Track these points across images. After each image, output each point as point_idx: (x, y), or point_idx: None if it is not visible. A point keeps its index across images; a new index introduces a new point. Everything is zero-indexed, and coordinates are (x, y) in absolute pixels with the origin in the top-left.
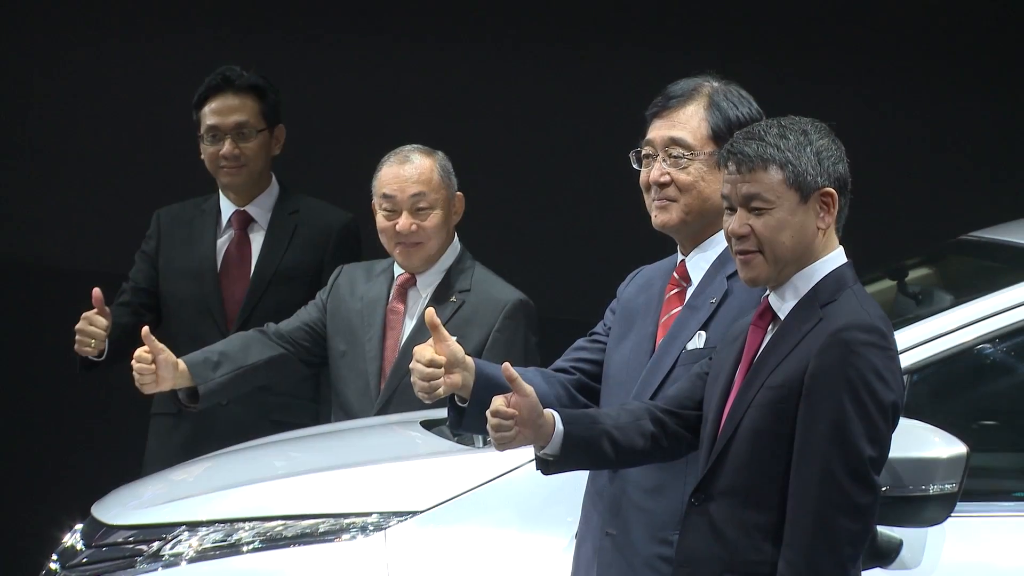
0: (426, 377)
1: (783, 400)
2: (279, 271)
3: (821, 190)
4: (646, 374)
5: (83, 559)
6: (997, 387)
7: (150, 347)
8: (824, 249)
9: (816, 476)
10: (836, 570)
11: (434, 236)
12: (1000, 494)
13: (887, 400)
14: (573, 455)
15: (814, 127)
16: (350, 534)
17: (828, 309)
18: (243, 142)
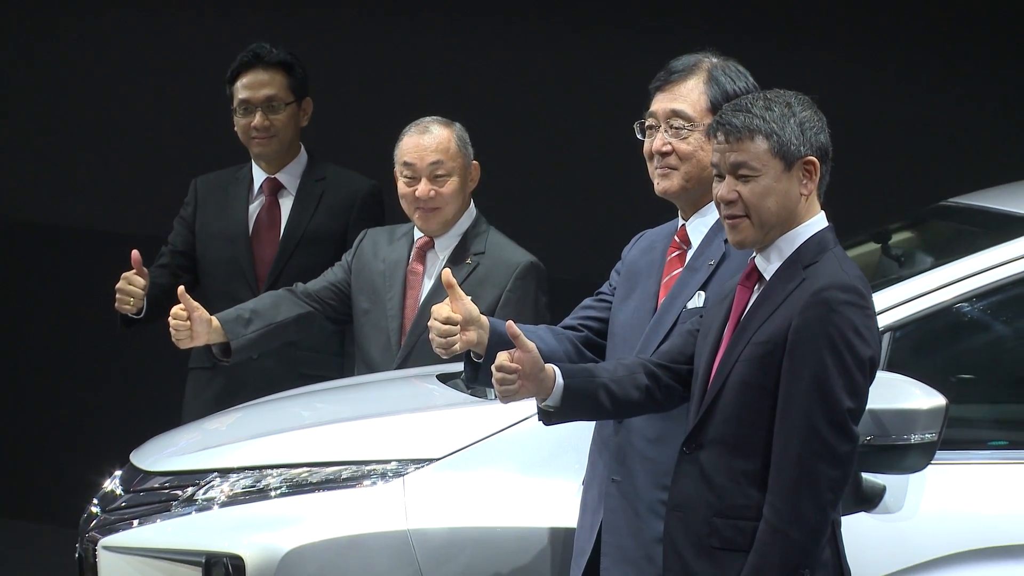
0: (443, 334)
1: (768, 355)
2: (306, 234)
3: (804, 159)
4: (649, 331)
5: (122, 503)
6: (974, 343)
7: (185, 305)
8: (807, 214)
9: (799, 426)
10: (817, 514)
11: (451, 201)
12: (976, 443)
13: (865, 355)
14: (572, 406)
15: (798, 100)
16: (371, 480)
17: (810, 270)
18: (273, 114)
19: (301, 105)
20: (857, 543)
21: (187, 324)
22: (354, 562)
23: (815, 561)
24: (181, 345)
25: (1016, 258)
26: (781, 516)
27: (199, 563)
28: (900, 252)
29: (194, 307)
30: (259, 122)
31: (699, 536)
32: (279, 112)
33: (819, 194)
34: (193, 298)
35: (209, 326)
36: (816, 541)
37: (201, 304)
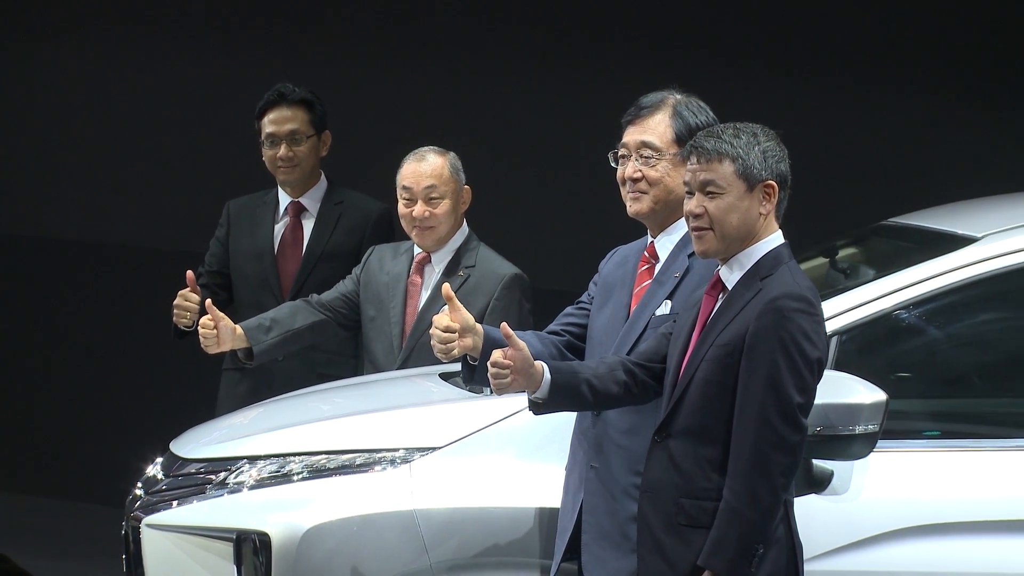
0: (443, 340)
1: (729, 356)
2: (326, 251)
3: (764, 182)
4: (622, 335)
5: (163, 486)
6: (910, 345)
7: (212, 316)
8: (765, 232)
9: (754, 418)
10: (771, 495)
11: (444, 221)
12: (912, 433)
13: (813, 356)
14: (558, 398)
15: (763, 131)
16: (381, 466)
17: (766, 282)
18: (296, 146)
19: (321, 138)
20: (808, 521)
21: (214, 332)
22: (367, 538)
23: (768, 537)
24: (209, 351)
25: (946, 271)
26: (738, 497)
27: (230, 539)
28: (846, 265)
29: (220, 318)
30: (284, 153)
31: (668, 515)
32: (301, 144)
33: (777, 215)
34: (226, 311)
35: (233, 334)
36: (769, 519)
37: (232, 313)
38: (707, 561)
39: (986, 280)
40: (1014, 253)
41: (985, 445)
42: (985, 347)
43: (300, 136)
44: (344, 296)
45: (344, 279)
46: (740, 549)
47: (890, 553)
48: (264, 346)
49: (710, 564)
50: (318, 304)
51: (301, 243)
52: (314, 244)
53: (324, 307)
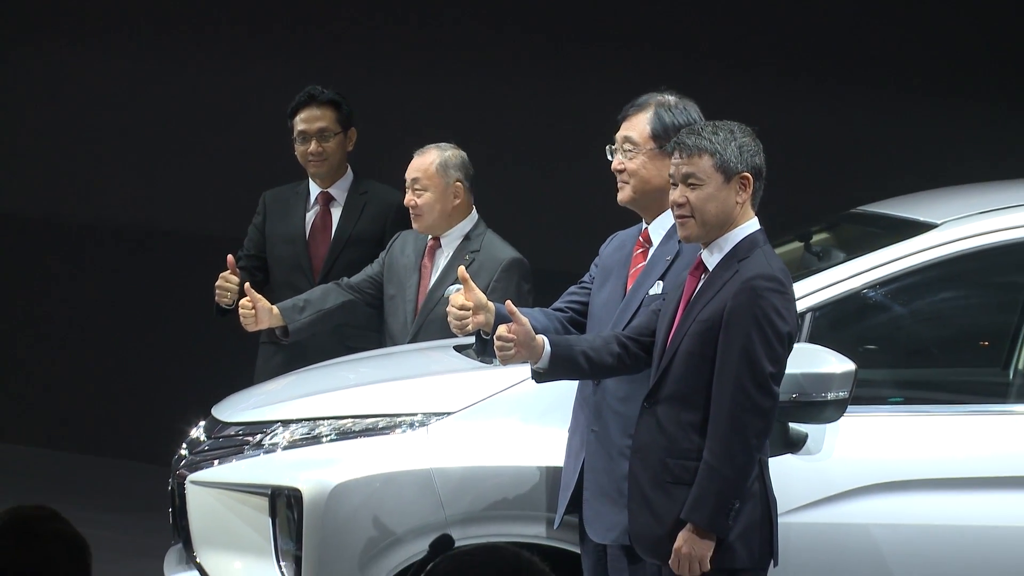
0: (458, 317)
1: (708, 331)
2: (352, 236)
3: (740, 174)
4: (619, 312)
5: (205, 447)
6: (877, 320)
7: (251, 297)
8: (742, 219)
9: (730, 386)
10: (745, 455)
11: (426, 211)
12: (879, 400)
13: (783, 331)
14: (557, 368)
15: (740, 128)
16: (401, 429)
17: (743, 263)
18: (324, 142)
19: (347, 134)
20: (785, 479)
21: (253, 312)
22: (389, 494)
23: (744, 493)
24: (248, 328)
25: (909, 254)
26: (717, 457)
27: (266, 495)
28: (819, 249)
29: (257, 299)
30: (314, 148)
31: (655, 473)
32: (329, 140)
33: (753, 204)
34: (263, 290)
35: (270, 314)
36: (744, 477)
37: (268, 292)
38: (689, 515)
39: (945, 262)
40: (970, 238)
41: (943, 410)
42: (943, 322)
43: (328, 133)
44: (371, 278)
45: (372, 263)
46: (718, 504)
47: (858, 507)
48: (298, 324)
49: (692, 517)
50: (347, 286)
51: (330, 229)
52: (341, 230)
53: (353, 288)
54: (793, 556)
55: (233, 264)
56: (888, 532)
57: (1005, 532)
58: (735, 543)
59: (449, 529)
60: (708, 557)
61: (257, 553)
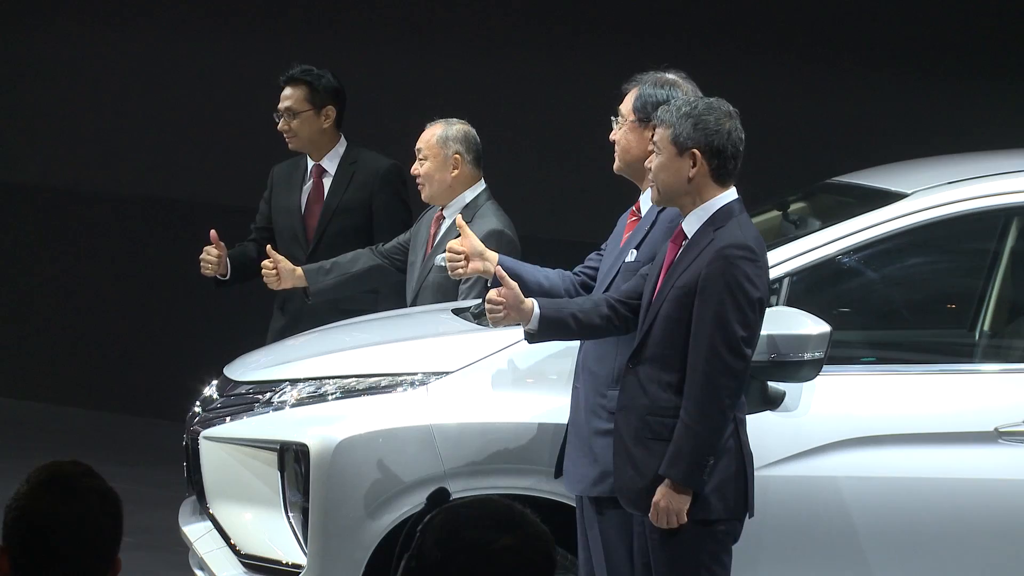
0: (451, 260)
1: (685, 296)
2: (340, 206)
3: (690, 150)
4: (601, 278)
5: (217, 405)
6: (850, 285)
7: (273, 258)
8: (712, 191)
9: (704, 348)
10: (719, 414)
11: (427, 180)
12: (852, 359)
13: (754, 296)
14: (547, 330)
15: (706, 106)
16: (403, 387)
17: (718, 232)
18: (291, 119)
19: (322, 111)
20: (764, 434)
21: (275, 272)
22: (390, 449)
23: (717, 450)
24: (272, 287)
25: (881, 222)
26: (691, 416)
27: (275, 449)
28: (796, 218)
29: (279, 259)
30: (281, 126)
31: (637, 430)
32: (295, 118)
33: (718, 178)
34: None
35: (293, 274)
36: (718, 435)
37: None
38: (666, 470)
39: (914, 230)
40: (938, 207)
41: (912, 370)
42: (913, 287)
43: (294, 111)
44: (400, 245)
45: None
46: (693, 460)
47: (833, 461)
48: (321, 286)
49: (669, 472)
50: (378, 252)
51: (321, 200)
52: (330, 200)
53: (383, 254)
54: (771, 507)
55: (216, 238)
56: (860, 484)
57: (970, 484)
58: (710, 496)
59: (447, 482)
60: (685, 510)
61: (266, 505)
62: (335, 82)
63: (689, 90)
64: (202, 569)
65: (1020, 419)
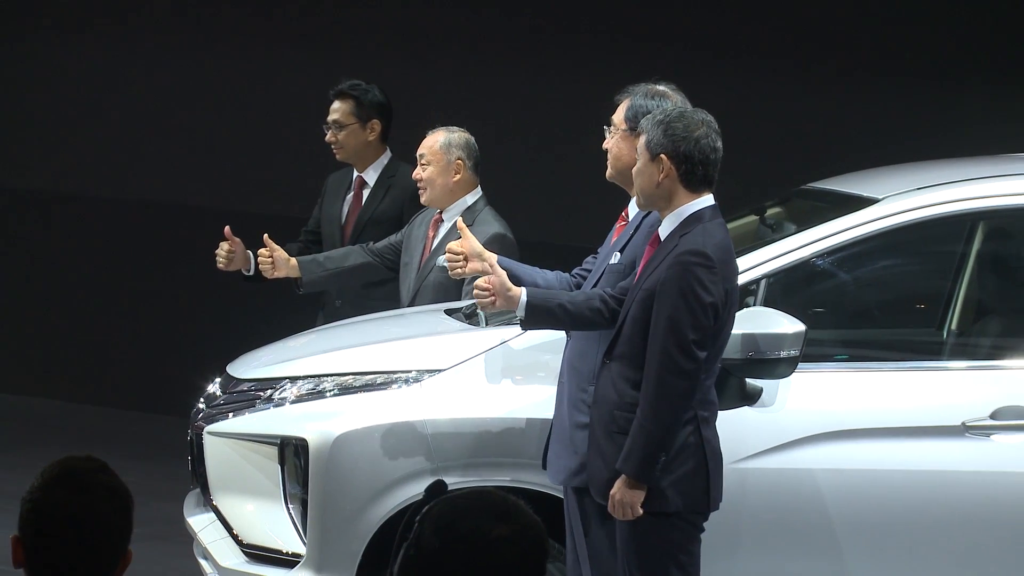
0: (450, 261)
1: (648, 298)
2: (372, 217)
3: (658, 155)
4: (590, 277)
5: (220, 401)
6: (824, 286)
7: (269, 247)
8: (691, 196)
9: (658, 350)
10: (670, 413)
11: (428, 185)
12: (826, 357)
13: (707, 301)
14: (535, 317)
15: (682, 117)
16: (398, 384)
17: (683, 238)
18: (338, 132)
19: (367, 125)
20: (742, 428)
21: (270, 260)
22: (386, 443)
23: (670, 446)
24: (267, 275)
25: (853, 226)
26: (644, 413)
27: (275, 444)
28: (772, 222)
29: (274, 248)
30: (328, 138)
31: (606, 423)
32: (342, 131)
33: (686, 184)
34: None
35: (287, 264)
36: (669, 432)
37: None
38: (621, 465)
39: (885, 233)
40: (908, 211)
41: (884, 367)
42: (884, 288)
43: (341, 124)
44: (392, 245)
45: (397, 232)
46: (645, 456)
47: (808, 454)
48: (313, 277)
49: (622, 467)
50: (370, 250)
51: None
52: (364, 211)
53: (374, 253)
54: (749, 498)
55: (229, 233)
56: (834, 476)
57: (938, 475)
58: (667, 490)
59: (440, 475)
60: (638, 503)
61: (267, 497)
62: (381, 97)
63: (679, 101)
64: (206, 558)
65: (986, 414)
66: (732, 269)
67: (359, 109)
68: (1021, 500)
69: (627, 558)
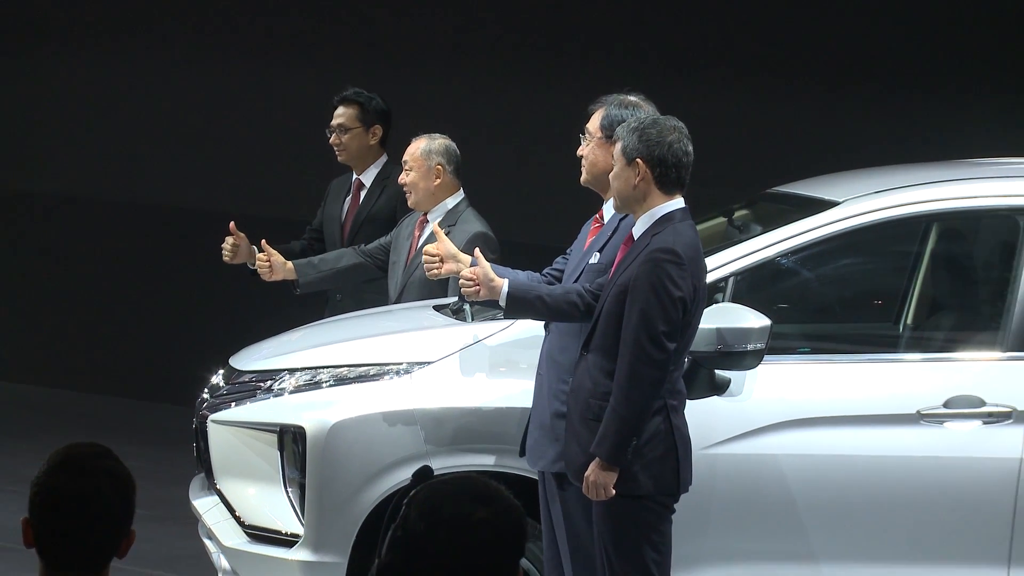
0: (428, 263)
1: (622, 294)
2: (367, 216)
3: (633, 160)
4: (566, 277)
5: (223, 391)
6: (788, 283)
7: (267, 252)
8: (664, 199)
9: (630, 341)
10: (641, 400)
11: (412, 188)
12: (789, 350)
13: (676, 295)
14: (515, 307)
15: (654, 124)
16: (389, 376)
17: (655, 237)
18: (342, 135)
19: (370, 129)
20: (711, 417)
21: (268, 265)
22: (379, 431)
23: (641, 432)
24: (265, 279)
25: (814, 228)
26: (617, 400)
27: (275, 431)
28: (740, 223)
29: (272, 253)
30: (332, 140)
31: (582, 410)
32: (345, 134)
33: (662, 186)
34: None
35: (284, 267)
36: (640, 418)
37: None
38: (595, 449)
39: (845, 234)
40: (866, 214)
41: (843, 359)
42: (844, 285)
43: (345, 127)
44: (382, 246)
45: (387, 235)
46: (617, 440)
47: (773, 440)
48: (309, 279)
49: (596, 451)
50: (361, 251)
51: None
52: (360, 211)
53: (366, 254)
54: (718, 482)
55: (234, 228)
56: (797, 461)
57: (894, 460)
58: (639, 474)
59: (429, 460)
60: (611, 485)
61: (268, 481)
62: (383, 105)
63: (649, 110)
64: (210, 538)
65: (939, 403)
66: (700, 267)
67: (363, 114)
68: (971, 483)
69: (603, 537)
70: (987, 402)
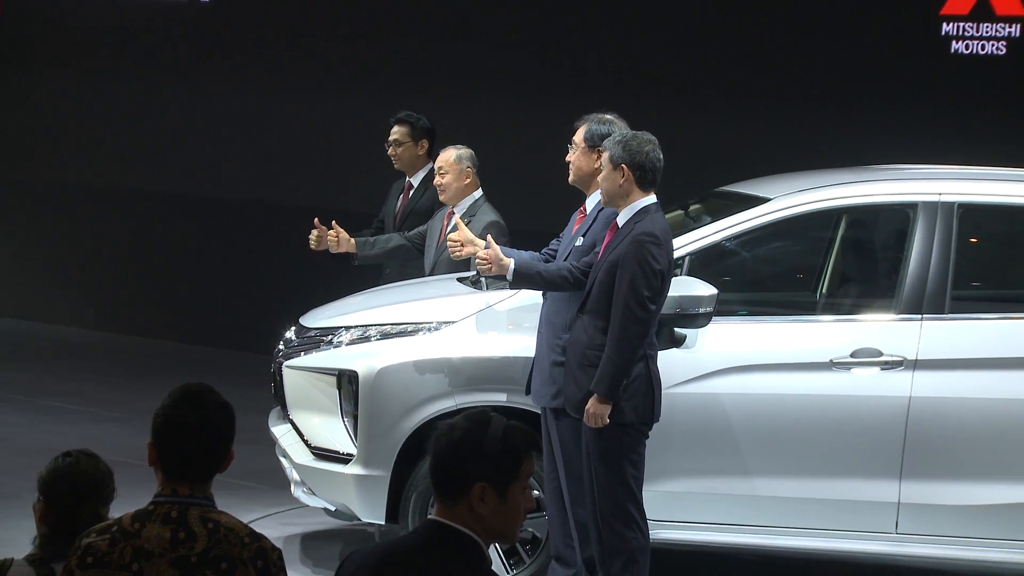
0: (451, 247)
1: (613, 268)
2: (412, 211)
3: (620, 165)
4: (559, 255)
5: (295, 344)
6: (730, 262)
7: (336, 230)
8: (638, 196)
9: (620, 304)
10: (629, 350)
11: (447, 188)
12: (731, 312)
13: (656, 268)
14: (520, 279)
15: (636, 137)
16: (423, 332)
17: (637, 224)
18: (397, 148)
19: (418, 143)
20: (672, 364)
21: (336, 239)
22: (415, 374)
23: (628, 374)
24: (332, 250)
25: (752, 219)
26: (611, 349)
27: (334, 375)
28: (694, 215)
29: (340, 231)
30: (390, 152)
31: (579, 359)
32: (399, 147)
33: (643, 186)
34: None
35: (348, 242)
36: (629, 364)
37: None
38: (594, 387)
39: (775, 223)
40: (792, 207)
41: (773, 320)
42: (773, 263)
43: (399, 142)
44: (420, 233)
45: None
46: (612, 380)
47: (719, 382)
48: (365, 253)
49: (595, 388)
50: (405, 236)
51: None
52: (408, 205)
53: (408, 238)
54: (676, 415)
55: (318, 223)
56: (737, 399)
57: (813, 398)
58: (624, 407)
59: (453, 398)
60: (606, 415)
61: (329, 413)
62: (428, 123)
63: (622, 125)
64: (284, 457)
65: (847, 353)
66: (671, 247)
67: (413, 132)
68: (871, 416)
69: (592, 457)
70: (884, 353)
